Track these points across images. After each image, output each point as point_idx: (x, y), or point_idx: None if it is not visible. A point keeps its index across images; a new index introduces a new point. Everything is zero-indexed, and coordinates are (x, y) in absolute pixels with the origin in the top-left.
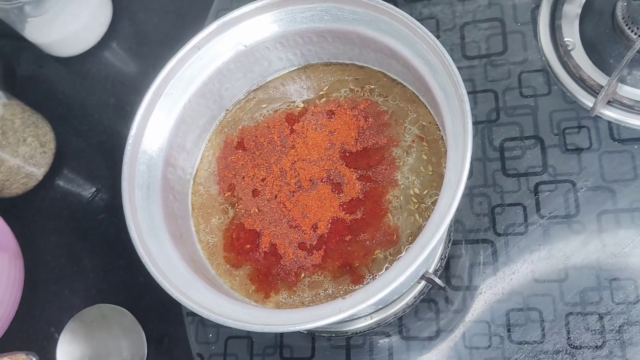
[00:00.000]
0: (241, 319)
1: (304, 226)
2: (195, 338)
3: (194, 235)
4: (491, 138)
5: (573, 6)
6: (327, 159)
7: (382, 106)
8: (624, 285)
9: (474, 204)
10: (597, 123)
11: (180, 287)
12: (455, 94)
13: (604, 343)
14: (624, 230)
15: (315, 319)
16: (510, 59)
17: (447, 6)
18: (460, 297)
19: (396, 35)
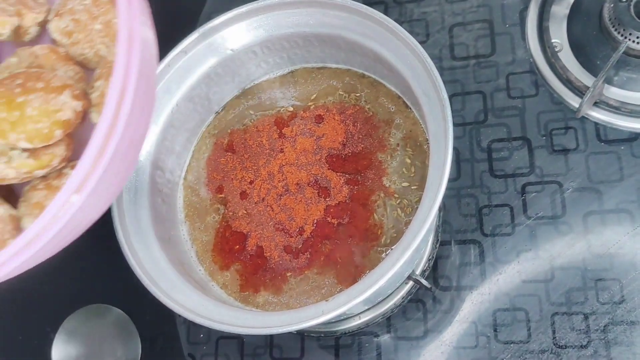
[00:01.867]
0: (227, 321)
1: (290, 229)
2: (186, 338)
3: (186, 235)
4: (479, 139)
5: (561, 7)
6: (315, 164)
7: (370, 111)
8: (609, 285)
9: (461, 205)
10: (584, 124)
11: (167, 290)
12: (437, 98)
13: (589, 343)
14: (610, 231)
15: (298, 322)
16: (499, 60)
17: (437, 8)
18: (448, 297)
19: (380, 39)
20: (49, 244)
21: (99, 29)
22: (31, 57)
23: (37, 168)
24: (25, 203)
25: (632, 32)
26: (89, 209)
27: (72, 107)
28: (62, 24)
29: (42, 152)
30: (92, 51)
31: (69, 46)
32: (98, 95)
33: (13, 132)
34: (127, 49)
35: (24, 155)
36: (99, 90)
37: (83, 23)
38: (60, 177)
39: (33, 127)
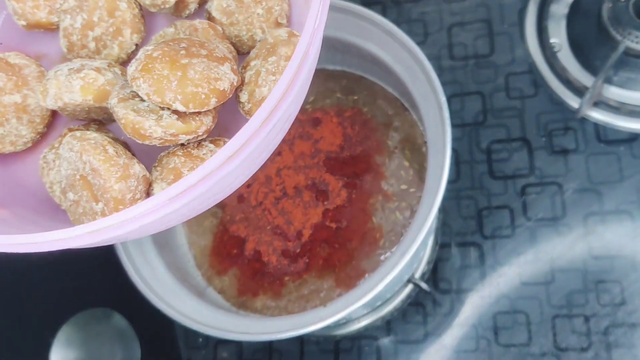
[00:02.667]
0: (224, 327)
1: (288, 233)
2: (185, 343)
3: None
4: (478, 140)
5: (560, 7)
6: (313, 167)
7: (367, 114)
8: (609, 287)
9: (461, 207)
10: (584, 125)
11: (164, 296)
12: (435, 100)
13: (590, 345)
14: (610, 232)
15: (296, 328)
16: (498, 61)
17: (435, 8)
18: (448, 300)
19: (377, 41)
20: (199, 198)
21: (260, 14)
22: (189, 30)
23: (184, 132)
24: (160, 168)
25: (632, 32)
26: (239, 173)
27: (230, 79)
28: (225, 3)
29: (192, 117)
30: (248, 34)
31: (226, 25)
32: (253, 73)
33: (171, 92)
34: (316, 14)
35: (173, 117)
36: (254, 69)
37: (246, 5)
38: (200, 148)
39: (192, 89)
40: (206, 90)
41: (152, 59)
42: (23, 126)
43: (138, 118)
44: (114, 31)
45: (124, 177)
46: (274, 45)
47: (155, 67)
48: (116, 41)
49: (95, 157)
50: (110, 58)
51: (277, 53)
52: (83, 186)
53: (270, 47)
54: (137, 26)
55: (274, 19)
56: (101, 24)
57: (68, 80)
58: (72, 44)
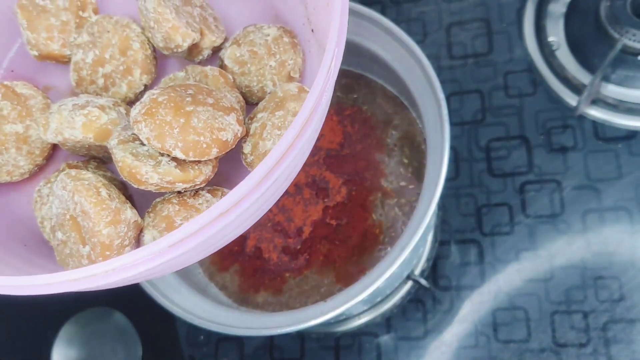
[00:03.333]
0: (225, 322)
1: (288, 230)
2: (186, 340)
3: None
4: (477, 139)
5: (558, 6)
6: (313, 164)
7: (367, 112)
8: (608, 283)
9: (460, 205)
10: (582, 122)
11: (166, 292)
12: (434, 98)
13: (589, 341)
14: (609, 229)
15: (297, 323)
16: (496, 59)
17: (434, 7)
18: (448, 297)
19: (377, 40)
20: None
21: (272, 66)
22: (200, 75)
23: (181, 180)
24: (153, 215)
25: (629, 30)
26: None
27: (234, 130)
28: (238, 53)
29: (191, 166)
30: (258, 85)
31: (238, 75)
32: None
33: (172, 138)
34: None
35: (172, 164)
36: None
37: (259, 57)
38: (197, 197)
39: (194, 138)
40: (208, 140)
41: (157, 103)
42: (22, 157)
43: (135, 162)
44: (124, 70)
45: (114, 222)
46: (283, 99)
47: (159, 112)
48: (125, 80)
49: (86, 199)
50: (118, 97)
51: (285, 108)
52: (72, 227)
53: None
54: (147, 67)
55: (287, 73)
56: (112, 61)
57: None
58: (82, 78)
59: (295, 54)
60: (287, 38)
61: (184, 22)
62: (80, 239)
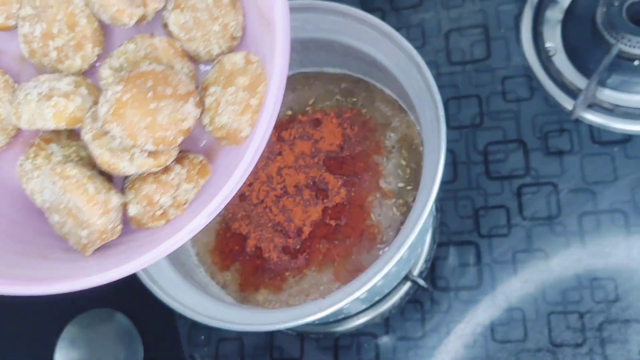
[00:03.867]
0: (225, 319)
1: (288, 230)
2: (187, 340)
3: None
4: (475, 142)
5: (555, 12)
6: (313, 166)
7: (366, 115)
8: (604, 284)
9: (458, 207)
10: (579, 126)
11: (167, 289)
12: (431, 100)
13: (585, 341)
14: (605, 230)
15: (296, 318)
16: (494, 65)
17: (433, 14)
18: (446, 298)
19: (375, 43)
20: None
21: (216, 30)
22: (150, 47)
23: (154, 166)
24: (134, 192)
25: (625, 35)
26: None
27: (194, 116)
28: (182, 19)
29: (161, 153)
30: (205, 50)
31: (184, 41)
32: (213, 101)
33: (142, 137)
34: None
35: (144, 154)
36: (214, 96)
37: (203, 22)
38: (168, 172)
39: (161, 134)
40: (174, 132)
41: (122, 103)
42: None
43: (113, 160)
44: (75, 45)
45: (105, 212)
46: (232, 73)
47: (127, 113)
48: (78, 54)
49: (78, 197)
50: (73, 69)
51: (235, 83)
52: (68, 214)
53: (228, 75)
54: (98, 39)
55: (230, 35)
56: (61, 35)
57: (39, 108)
58: (34, 50)
59: (236, 13)
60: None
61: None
62: (78, 224)
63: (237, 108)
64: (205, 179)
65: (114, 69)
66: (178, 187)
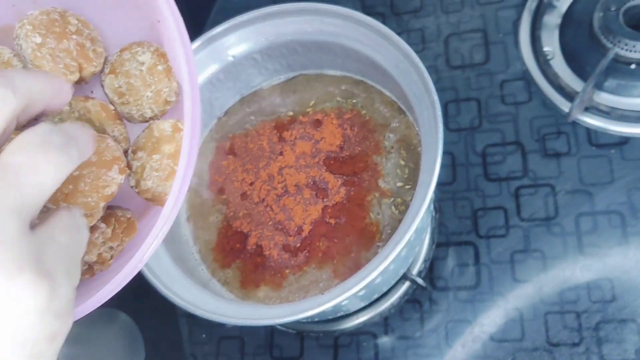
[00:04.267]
0: (224, 313)
1: (289, 229)
2: (189, 339)
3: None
4: (474, 144)
5: (553, 17)
6: (313, 166)
7: (366, 116)
8: (600, 284)
9: (457, 208)
10: (576, 129)
11: (169, 285)
12: (429, 100)
13: (581, 340)
14: (601, 231)
15: (295, 313)
16: (493, 69)
17: (433, 18)
18: (444, 297)
19: (375, 45)
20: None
21: (149, 97)
22: (83, 110)
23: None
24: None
25: (621, 40)
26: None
27: (117, 182)
28: (116, 84)
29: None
30: (138, 113)
31: (118, 104)
32: (139, 165)
33: (64, 202)
34: (186, 162)
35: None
36: (140, 161)
37: (136, 88)
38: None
39: (82, 200)
40: (95, 199)
41: None
42: None
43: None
44: None
45: None
46: (159, 140)
47: None
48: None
49: None
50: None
51: (160, 151)
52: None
53: (155, 142)
54: None
55: (163, 100)
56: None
57: None
58: None
59: (170, 81)
60: (161, 65)
61: (61, 68)
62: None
63: (161, 174)
64: (131, 237)
65: None
66: (103, 245)
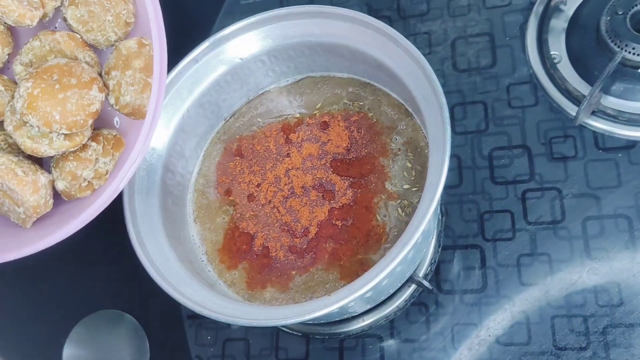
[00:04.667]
0: (232, 314)
1: (295, 230)
2: (194, 341)
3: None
4: (480, 147)
5: (559, 21)
6: (320, 168)
7: (373, 118)
8: (607, 288)
9: (463, 211)
10: (583, 132)
11: (176, 285)
12: (437, 103)
13: (588, 344)
14: (608, 235)
15: (301, 314)
16: (499, 72)
17: (440, 22)
18: (450, 300)
19: (382, 48)
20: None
21: (110, 20)
22: (53, 42)
23: (71, 147)
24: (59, 170)
25: (628, 44)
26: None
27: (99, 100)
28: (78, 13)
29: (75, 134)
30: (103, 38)
31: (83, 32)
32: (115, 83)
33: (56, 123)
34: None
35: (61, 138)
36: (115, 79)
37: (97, 14)
38: (85, 150)
39: (72, 119)
40: (83, 116)
41: (34, 97)
42: None
43: (34, 145)
44: None
45: (35, 190)
46: (127, 57)
47: (39, 105)
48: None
49: (9, 181)
50: None
51: (131, 66)
52: (4, 195)
53: (125, 59)
54: (6, 40)
55: (124, 22)
56: None
57: None
58: None
59: (126, 3)
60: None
61: (26, 5)
62: (14, 203)
63: (137, 88)
64: (121, 151)
65: (24, 64)
66: (96, 161)
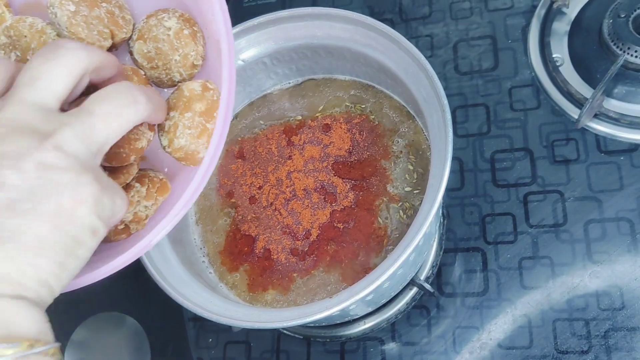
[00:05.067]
0: (233, 316)
1: (297, 233)
2: (195, 343)
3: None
4: (482, 150)
5: (562, 24)
6: (322, 170)
7: (375, 121)
8: (609, 292)
9: (465, 214)
10: (585, 135)
11: (178, 288)
12: (438, 105)
13: (590, 348)
14: (610, 238)
15: (303, 316)
16: (501, 75)
17: (442, 25)
18: (452, 303)
19: (384, 50)
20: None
21: (177, 60)
22: None
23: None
24: None
25: (631, 47)
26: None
27: (147, 137)
28: (145, 49)
29: (120, 170)
30: (167, 77)
31: (148, 69)
32: (172, 124)
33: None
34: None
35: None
36: (172, 120)
37: (164, 53)
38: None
39: (115, 151)
40: (127, 151)
41: None
42: None
43: None
44: None
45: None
46: (189, 99)
47: None
48: None
49: None
50: None
51: (192, 109)
52: None
53: (186, 101)
54: None
55: (190, 63)
56: None
57: None
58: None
59: (196, 44)
60: (187, 30)
61: (95, 35)
62: None
63: (193, 132)
64: (164, 197)
65: None
66: (138, 204)
